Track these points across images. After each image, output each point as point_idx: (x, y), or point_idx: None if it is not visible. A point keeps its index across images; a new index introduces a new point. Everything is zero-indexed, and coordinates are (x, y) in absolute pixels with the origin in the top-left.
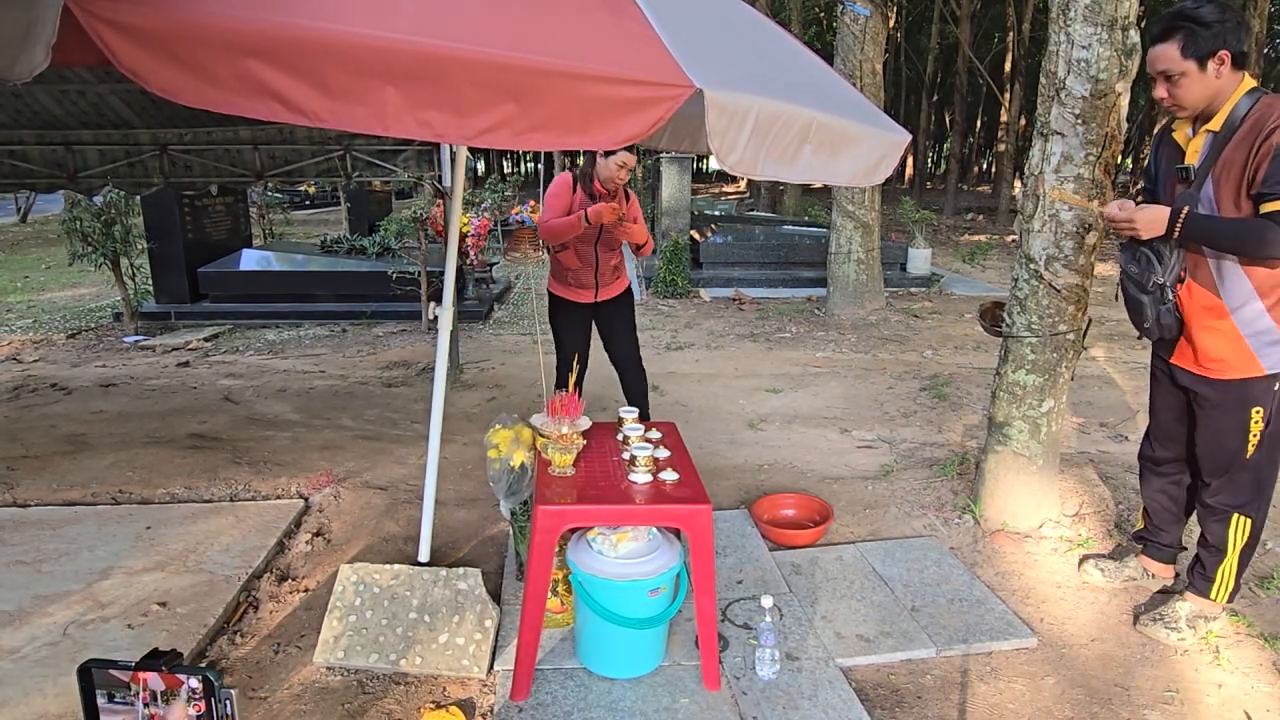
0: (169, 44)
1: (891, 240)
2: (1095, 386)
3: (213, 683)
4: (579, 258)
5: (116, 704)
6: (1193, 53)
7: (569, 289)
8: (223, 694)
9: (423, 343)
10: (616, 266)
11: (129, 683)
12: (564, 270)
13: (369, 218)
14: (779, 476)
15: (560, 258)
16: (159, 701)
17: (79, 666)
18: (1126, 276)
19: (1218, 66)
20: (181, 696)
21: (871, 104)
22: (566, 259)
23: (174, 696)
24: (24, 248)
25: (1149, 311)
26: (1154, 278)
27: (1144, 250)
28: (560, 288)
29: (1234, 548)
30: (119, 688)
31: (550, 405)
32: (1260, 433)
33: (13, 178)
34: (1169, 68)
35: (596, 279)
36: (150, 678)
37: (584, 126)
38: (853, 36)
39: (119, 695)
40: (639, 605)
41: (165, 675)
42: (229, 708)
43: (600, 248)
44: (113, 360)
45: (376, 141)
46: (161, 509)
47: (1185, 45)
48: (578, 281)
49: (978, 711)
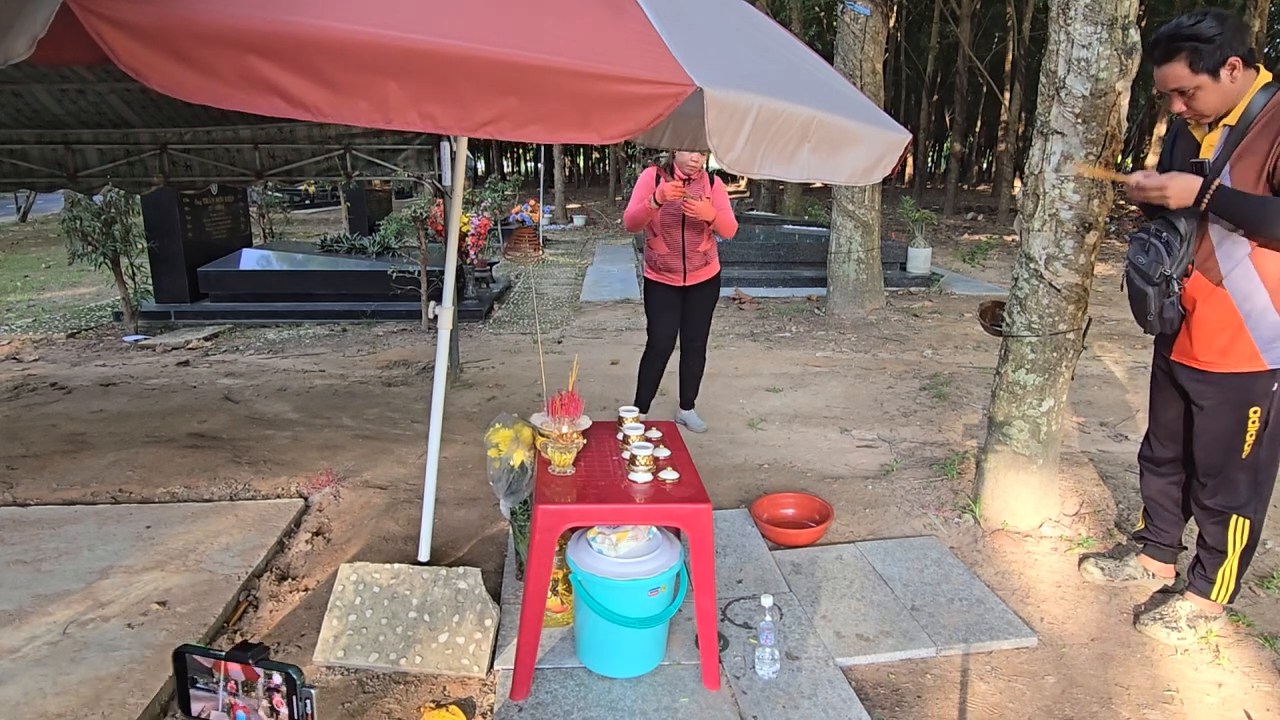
0: (169, 41)
1: (891, 240)
2: (1095, 386)
3: (295, 680)
4: (667, 244)
5: (200, 689)
6: (1203, 67)
7: (660, 274)
8: (304, 692)
9: (423, 342)
10: (705, 253)
11: (212, 669)
12: (655, 256)
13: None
14: (779, 476)
15: (652, 244)
16: (241, 693)
17: (175, 650)
18: (1133, 268)
19: (1230, 73)
20: (259, 688)
21: (872, 103)
22: (657, 245)
23: (253, 689)
24: (24, 247)
25: (1153, 304)
26: (1162, 268)
27: (1154, 241)
28: (653, 273)
29: (1234, 549)
30: (204, 674)
31: (550, 404)
32: (1257, 433)
33: (13, 177)
34: (1182, 85)
35: (684, 263)
36: (234, 668)
37: (584, 121)
38: (853, 36)
39: (202, 681)
40: (639, 604)
41: (246, 668)
42: (309, 707)
43: (687, 234)
44: (113, 359)
45: (376, 141)
46: (161, 508)
47: (1193, 62)
48: (666, 266)
49: (978, 711)
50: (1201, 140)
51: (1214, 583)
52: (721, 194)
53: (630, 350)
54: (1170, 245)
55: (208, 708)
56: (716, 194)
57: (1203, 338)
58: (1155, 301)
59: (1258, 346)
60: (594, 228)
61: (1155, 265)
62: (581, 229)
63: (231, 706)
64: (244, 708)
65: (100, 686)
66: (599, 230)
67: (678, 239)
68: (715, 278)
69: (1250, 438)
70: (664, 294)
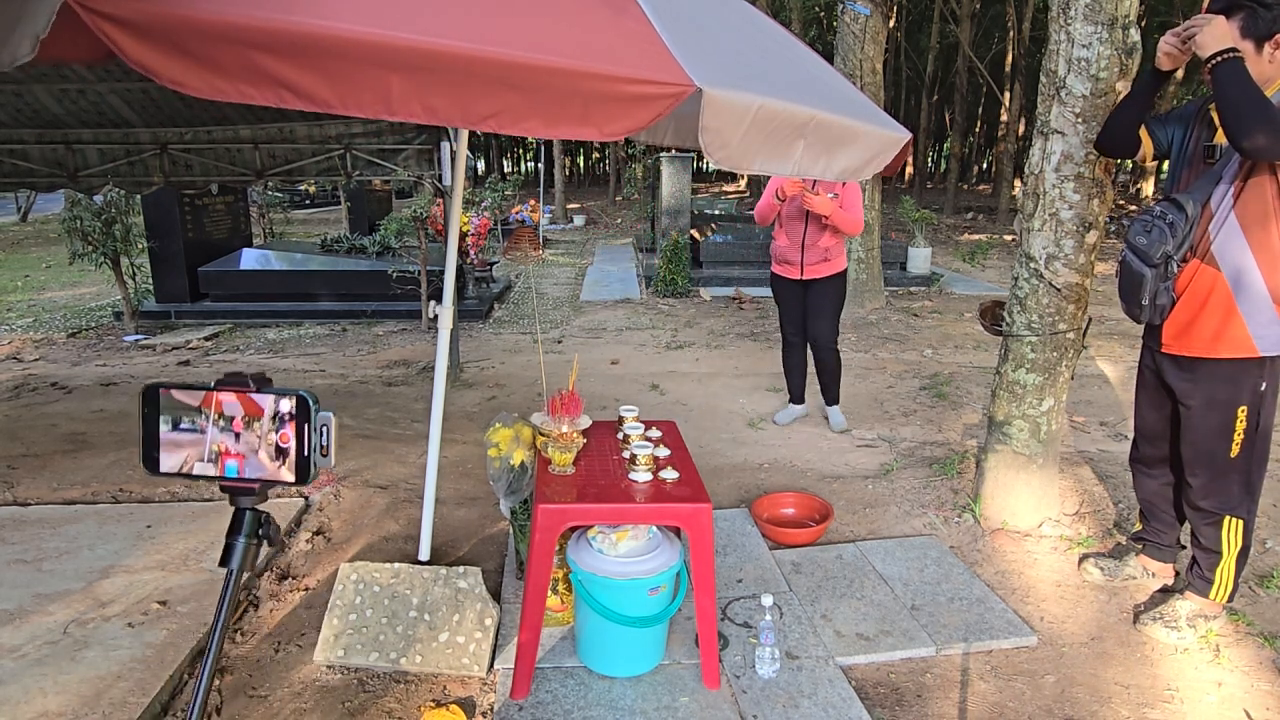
0: (175, 37)
1: (891, 239)
2: (1095, 386)
3: (309, 403)
4: (788, 236)
5: (182, 431)
6: (1252, 33)
7: (780, 265)
8: (322, 418)
9: (423, 342)
10: (826, 249)
11: (199, 407)
12: (776, 248)
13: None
14: (779, 475)
15: (775, 236)
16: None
17: (143, 387)
18: (1132, 250)
19: (1273, 50)
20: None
21: (871, 102)
22: (779, 237)
23: (254, 424)
24: (24, 247)
25: (1149, 287)
26: (1164, 247)
27: (1158, 223)
28: (774, 265)
29: (1230, 549)
30: (187, 412)
31: (550, 404)
32: (1245, 432)
33: (13, 176)
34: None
35: (802, 257)
36: (228, 400)
37: (584, 117)
38: (853, 36)
39: (186, 421)
40: (639, 604)
41: (244, 397)
42: (325, 436)
43: (809, 229)
44: (113, 359)
45: (376, 140)
46: (162, 508)
47: (1246, 25)
48: (785, 258)
49: (978, 710)
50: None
51: (1212, 582)
52: (853, 193)
53: (630, 350)
54: (1175, 226)
55: (191, 456)
56: (847, 193)
57: (1194, 323)
58: (1151, 285)
59: (1250, 330)
60: (594, 227)
61: (1157, 245)
62: (581, 229)
63: (222, 453)
64: (236, 454)
65: (100, 686)
66: (599, 230)
67: (799, 232)
68: (838, 275)
69: (1239, 437)
70: (782, 286)
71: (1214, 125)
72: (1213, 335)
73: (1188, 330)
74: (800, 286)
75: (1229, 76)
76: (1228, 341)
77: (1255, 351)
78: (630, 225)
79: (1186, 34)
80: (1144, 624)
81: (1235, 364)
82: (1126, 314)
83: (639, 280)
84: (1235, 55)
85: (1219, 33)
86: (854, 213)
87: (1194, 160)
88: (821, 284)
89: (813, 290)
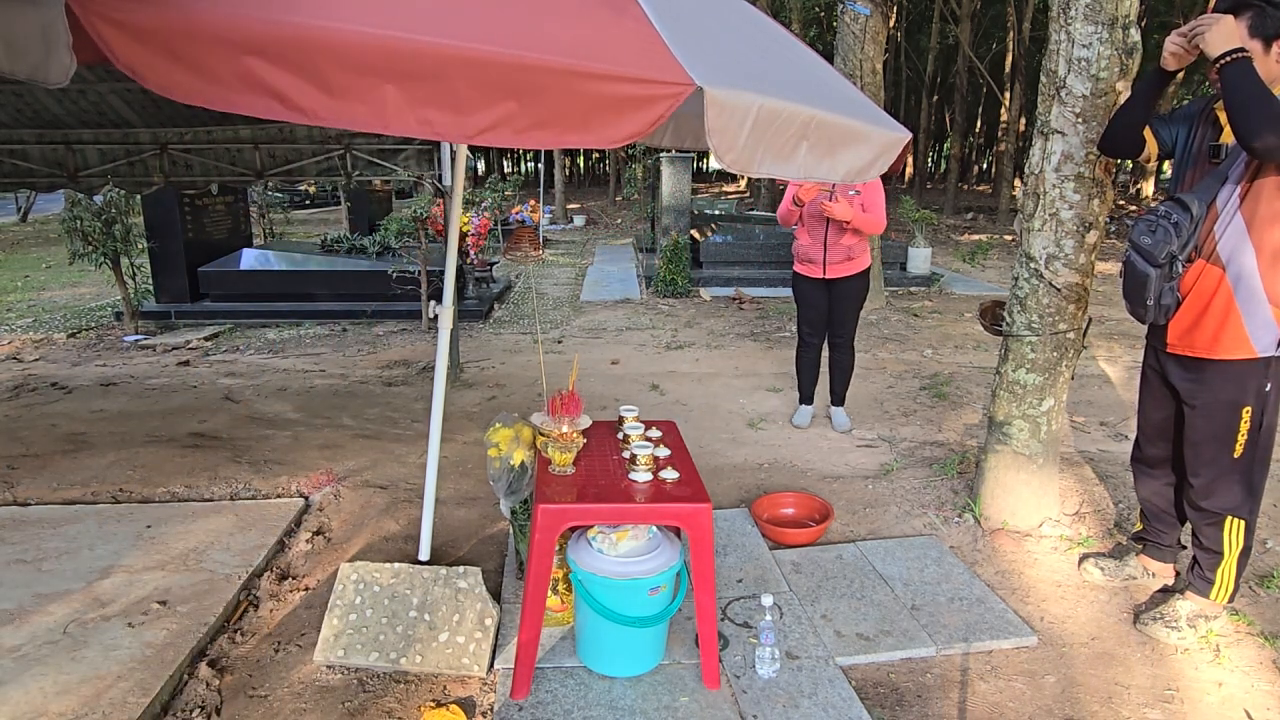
0: (168, 42)
1: (891, 239)
2: (1095, 386)
3: None
4: (810, 235)
5: None
6: (1259, 32)
7: (802, 264)
8: None
9: (423, 342)
10: (849, 248)
11: None
12: (799, 248)
13: (369, 217)
14: (779, 475)
15: (797, 235)
16: None
17: None
18: (1136, 250)
19: None
20: None
21: (871, 102)
22: (801, 236)
23: None
24: (24, 247)
25: (1153, 287)
26: (1169, 247)
27: (1163, 223)
28: (797, 264)
29: (1231, 550)
30: None
31: (550, 404)
32: (1249, 433)
33: (13, 177)
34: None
35: (824, 256)
36: None
37: (585, 124)
38: (853, 36)
39: None
40: (639, 604)
41: None
42: None
43: (830, 229)
44: (113, 359)
45: (377, 141)
46: (162, 508)
47: (1254, 24)
48: (808, 257)
49: (978, 710)
50: (1225, 125)
51: (1213, 583)
52: (876, 191)
53: (630, 350)
54: (1180, 226)
55: None
56: (870, 191)
57: (1199, 323)
58: (1156, 285)
59: (1248, 331)
60: (594, 228)
61: (1162, 245)
62: (581, 229)
63: None
64: None
65: (100, 685)
66: (599, 230)
67: (821, 232)
68: (861, 274)
69: (1242, 438)
70: (805, 285)
71: (1219, 125)
72: (1214, 335)
73: (1192, 330)
74: (824, 285)
75: (1238, 76)
76: (1227, 341)
77: (1254, 352)
78: (630, 225)
79: (1193, 33)
80: (1144, 624)
81: (1240, 365)
82: (1131, 314)
83: (639, 280)
84: (1244, 55)
85: (1227, 32)
86: (876, 213)
87: (1199, 160)
88: (845, 283)
89: (836, 289)
